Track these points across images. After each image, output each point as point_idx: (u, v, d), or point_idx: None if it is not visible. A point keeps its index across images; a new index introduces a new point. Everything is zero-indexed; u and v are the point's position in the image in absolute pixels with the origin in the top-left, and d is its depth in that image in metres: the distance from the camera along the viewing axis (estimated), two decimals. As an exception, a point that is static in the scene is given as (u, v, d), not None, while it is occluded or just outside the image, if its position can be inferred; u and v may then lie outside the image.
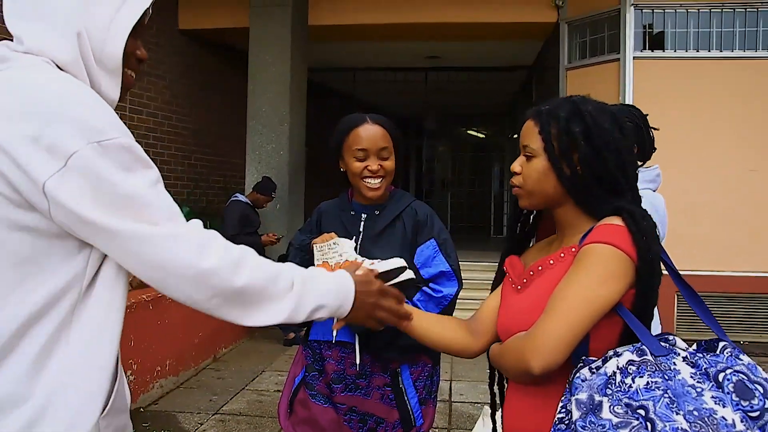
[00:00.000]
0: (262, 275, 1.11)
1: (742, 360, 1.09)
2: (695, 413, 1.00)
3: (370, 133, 1.85)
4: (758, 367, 1.09)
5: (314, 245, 1.78)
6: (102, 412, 1.04)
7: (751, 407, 1.01)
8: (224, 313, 1.09)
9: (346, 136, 1.86)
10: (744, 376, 1.05)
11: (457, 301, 1.88)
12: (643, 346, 1.12)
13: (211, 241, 1.07)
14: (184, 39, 7.52)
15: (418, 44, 8.34)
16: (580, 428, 1.05)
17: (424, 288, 1.81)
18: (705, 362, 1.08)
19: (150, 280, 1.05)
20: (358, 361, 1.77)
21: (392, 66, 9.85)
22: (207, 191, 8.10)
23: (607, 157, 1.25)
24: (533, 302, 1.29)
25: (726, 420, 0.99)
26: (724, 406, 1.01)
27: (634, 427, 1.01)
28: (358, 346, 1.78)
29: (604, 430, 1.02)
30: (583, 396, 1.09)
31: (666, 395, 1.03)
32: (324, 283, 1.24)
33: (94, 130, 0.98)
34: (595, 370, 1.12)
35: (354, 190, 1.93)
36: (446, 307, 1.81)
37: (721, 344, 1.13)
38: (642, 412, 1.02)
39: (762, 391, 1.03)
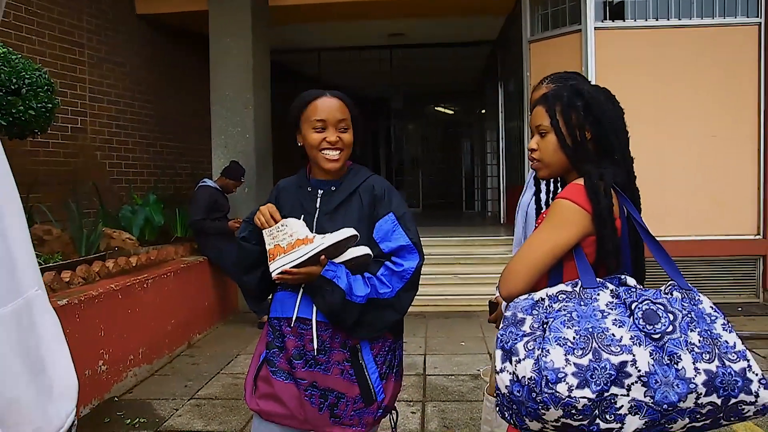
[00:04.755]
0: None
1: (672, 296, 1.37)
2: (590, 329, 1.30)
3: (328, 104, 1.84)
4: (685, 300, 1.36)
5: (263, 231, 1.77)
6: None
7: (654, 330, 1.30)
8: None
9: (304, 108, 1.85)
10: (661, 306, 1.33)
11: (432, 275, 1.90)
12: (578, 280, 1.42)
13: None
14: (142, 24, 7.36)
15: (381, 22, 8.29)
16: (499, 336, 1.41)
17: (387, 263, 1.80)
18: (628, 295, 1.37)
19: None
20: (315, 343, 1.77)
21: (357, 45, 9.78)
22: (174, 178, 8.02)
23: (604, 123, 1.55)
24: None
25: (615, 336, 1.29)
26: (620, 327, 1.30)
27: (536, 336, 1.34)
28: (315, 324, 1.78)
29: (516, 336, 1.36)
30: (508, 313, 1.44)
31: (568, 315, 1.33)
32: None
33: None
34: (527, 296, 1.44)
35: (312, 166, 1.91)
36: (409, 280, 1.80)
37: (669, 283, 1.41)
38: (545, 326, 1.34)
39: (671, 318, 1.31)
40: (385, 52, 10.17)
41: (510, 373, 1.34)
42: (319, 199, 1.87)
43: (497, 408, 1.43)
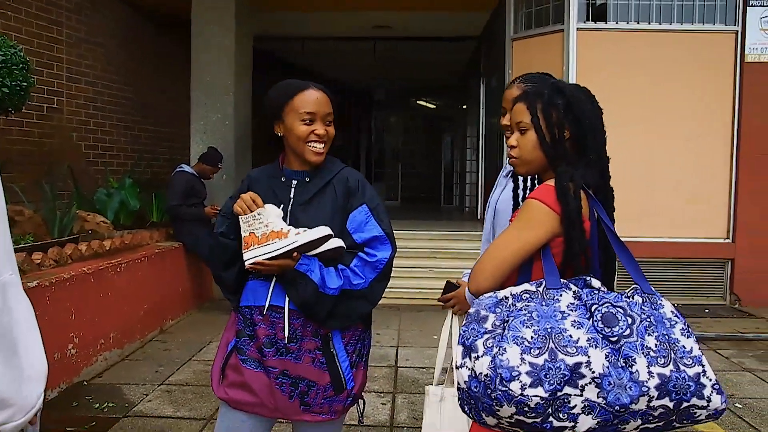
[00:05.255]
0: None
1: (632, 299, 1.39)
2: (548, 329, 1.33)
3: (317, 97, 1.84)
4: (646, 305, 1.38)
5: (240, 217, 1.77)
6: None
7: (612, 333, 1.32)
8: None
9: (290, 98, 1.83)
10: (620, 309, 1.35)
11: (407, 268, 1.91)
12: (543, 280, 1.43)
13: None
14: (123, 6, 7.26)
15: (367, 13, 8.27)
16: (462, 331, 1.44)
17: (360, 254, 1.82)
18: (589, 297, 1.39)
19: None
20: (287, 332, 1.78)
21: (341, 36, 9.75)
22: (152, 163, 7.93)
23: (583, 123, 1.55)
24: None
25: (572, 337, 1.31)
26: (578, 328, 1.33)
27: (496, 334, 1.36)
28: (287, 313, 1.79)
29: (477, 333, 1.39)
30: (472, 310, 1.46)
31: (528, 315, 1.36)
32: None
33: None
34: (491, 294, 1.46)
35: (288, 156, 1.91)
36: (382, 270, 1.83)
37: (632, 287, 1.43)
38: (506, 324, 1.37)
39: (629, 322, 1.34)
40: (369, 43, 10.14)
41: (469, 369, 1.37)
42: (293, 190, 1.87)
43: (458, 401, 1.45)
